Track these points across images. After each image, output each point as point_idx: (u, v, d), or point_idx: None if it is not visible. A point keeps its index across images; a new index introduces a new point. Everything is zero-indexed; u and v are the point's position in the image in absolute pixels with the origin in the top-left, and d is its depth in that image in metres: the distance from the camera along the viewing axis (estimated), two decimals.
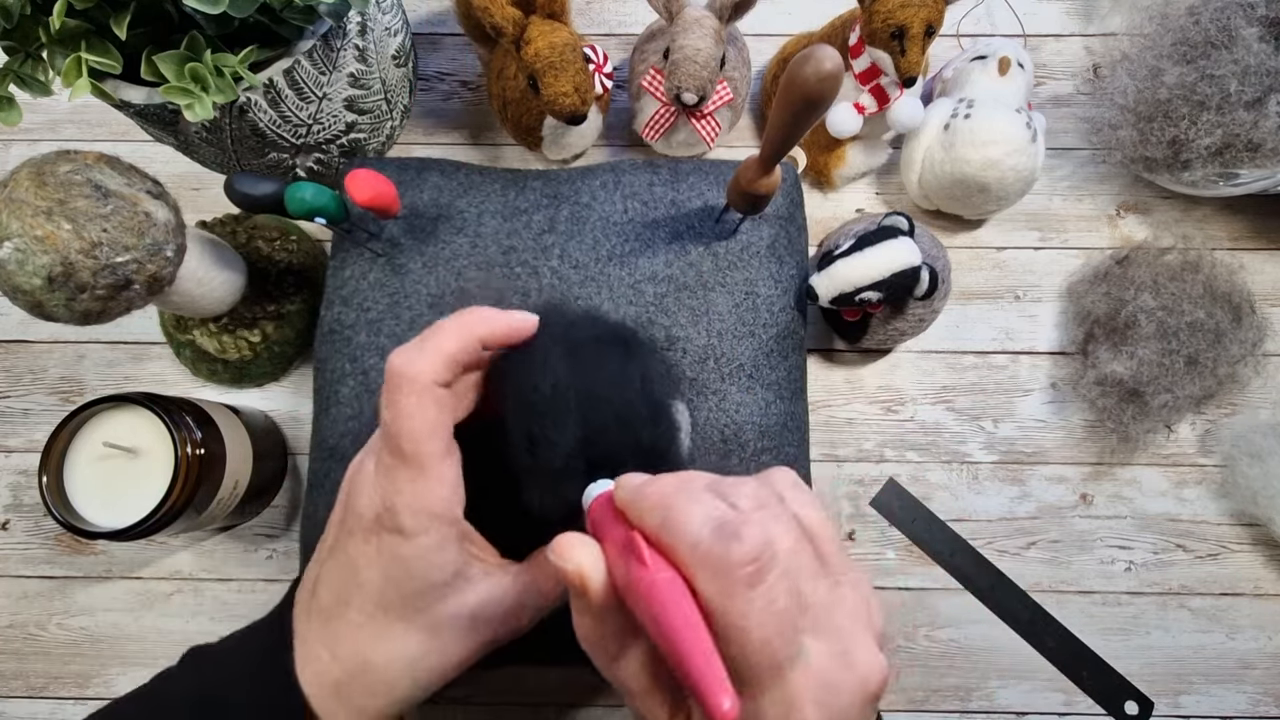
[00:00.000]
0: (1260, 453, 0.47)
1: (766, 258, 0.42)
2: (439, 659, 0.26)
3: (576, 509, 0.25)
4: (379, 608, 0.26)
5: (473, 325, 0.26)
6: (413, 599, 0.26)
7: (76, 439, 0.40)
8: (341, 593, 0.26)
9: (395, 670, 0.26)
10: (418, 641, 0.26)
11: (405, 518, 0.25)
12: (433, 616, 0.26)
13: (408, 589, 0.25)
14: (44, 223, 0.32)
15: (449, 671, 0.27)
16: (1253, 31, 0.45)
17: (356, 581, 0.26)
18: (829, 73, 0.27)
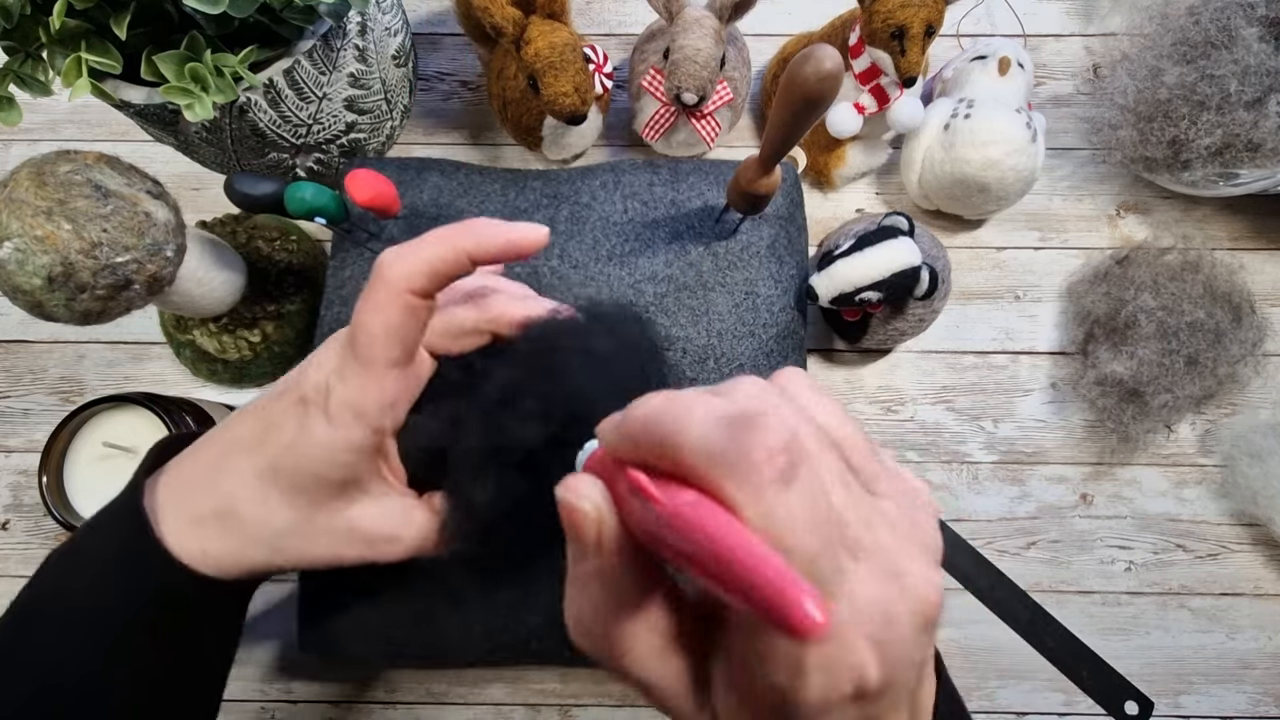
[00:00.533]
0: (1260, 453, 0.47)
1: (766, 258, 0.42)
2: (302, 545, 0.26)
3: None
4: (272, 472, 0.26)
5: (456, 237, 0.24)
6: (301, 479, 0.26)
7: (76, 439, 0.40)
8: (248, 440, 0.26)
9: (258, 532, 0.26)
10: (288, 519, 0.26)
11: (334, 405, 0.25)
12: (313, 504, 0.26)
13: (302, 467, 0.25)
14: (44, 223, 0.32)
15: (303, 563, 0.27)
16: (1253, 31, 0.45)
17: (264, 437, 0.26)
18: (829, 72, 0.27)
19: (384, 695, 0.47)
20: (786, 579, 0.14)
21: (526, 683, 0.47)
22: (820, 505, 0.16)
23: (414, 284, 0.24)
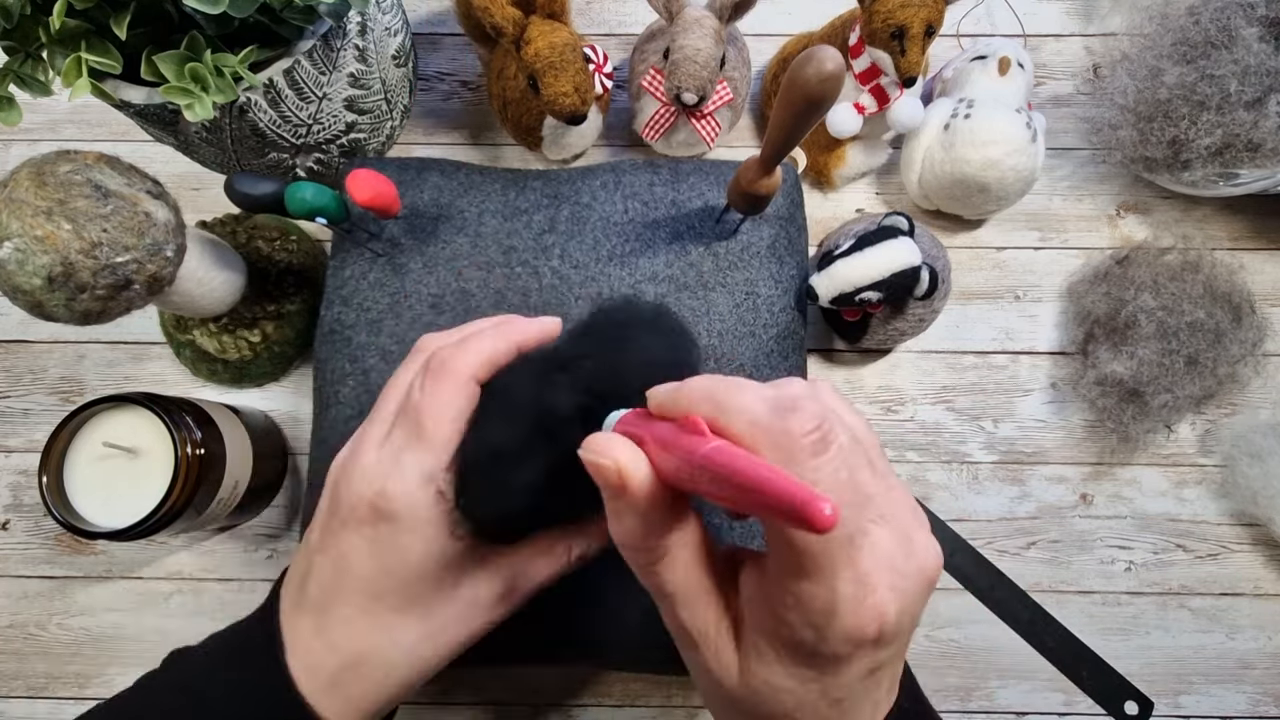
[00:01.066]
0: (1260, 453, 0.47)
1: (767, 258, 0.42)
2: (435, 646, 0.27)
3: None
4: (372, 599, 0.26)
5: (513, 333, 0.28)
6: (405, 588, 0.26)
7: (76, 439, 0.40)
8: (333, 586, 0.26)
9: (392, 659, 0.26)
10: (414, 630, 0.26)
11: (399, 500, 0.25)
12: (427, 605, 0.26)
13: (400, 578, 0.26)
14: (44, 223, 0.32)
15: (446, 657, 0.27)
16: (1253, 31, 0.45)
17: (349, 574, 0.26)
18: (830, 73, 0.27)
19: None
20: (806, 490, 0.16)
21: (527, 683, 0.47)
22: (844, 475, 0.19)
23: (479, 375, 0.27)
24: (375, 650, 0.26)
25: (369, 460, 0.26)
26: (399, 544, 0.25)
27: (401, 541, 0.25)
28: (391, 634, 0.26)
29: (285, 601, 0.27)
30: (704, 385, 0.20)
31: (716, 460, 0.18)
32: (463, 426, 0.26)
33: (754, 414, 0.19)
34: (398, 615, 0.26)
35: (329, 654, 0.26)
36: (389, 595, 0.26)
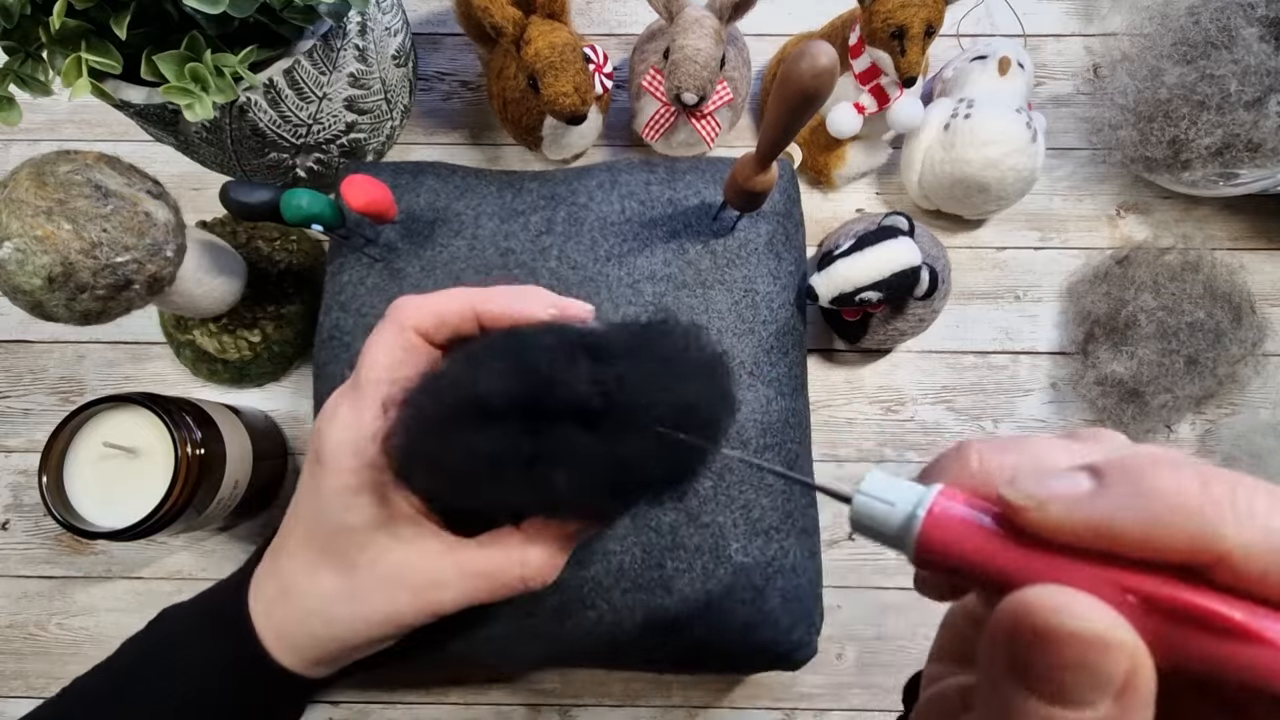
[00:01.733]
0: (1260, 453, 0.47)
1: (765, 254, 0.42)
2: (354, 607, 0.26)
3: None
4: (307, 540, 0.26)
5: (474, 295, 0.25)
6: (331, 537, 0.26)
7: (76, 439, 0.40)
8: (285, 525, 0.27)
9: (311, 604, 0.26)
10: (333, 581, 0.26)
11: (325, 444, 0.25)
12: (350, 561, 0.26)
13: (326, 525, 0.26)
14: (44, 223, 0.32)
15: (366, 626, 0.26)
16: (1253, 31, 0.45)
17: (294, 513, 0.27)
18: (824, 68, 0.27)
19: (384, 695, 0.47)
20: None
21: (526, 683, 0.47)
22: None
23: (420, 324, 0.25)
24: (298, 587, 0.26)
25: (327, 404, 0.27)
26: (324, 488, 0.25)
27: (325, 486, 0.25)
28: (314, 576, 0.26)
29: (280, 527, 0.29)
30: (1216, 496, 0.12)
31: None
32: (397, 376, 0.25)
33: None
34: (322, 559, 0.26)
35: (269, 581, 0.27)
36: (317, 541, 0.26)
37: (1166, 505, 0.12)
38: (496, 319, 0.25)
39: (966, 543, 0.14)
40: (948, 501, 0.15)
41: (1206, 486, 0.12)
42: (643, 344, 0.23)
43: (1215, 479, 0.12)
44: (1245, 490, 0.12)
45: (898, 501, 0.15)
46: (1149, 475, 0.12)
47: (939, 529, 0.14)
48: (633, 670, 0.46)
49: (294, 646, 0.27)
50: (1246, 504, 0.11)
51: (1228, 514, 0.11)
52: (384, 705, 0.47)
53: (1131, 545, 0.12)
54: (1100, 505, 0.12)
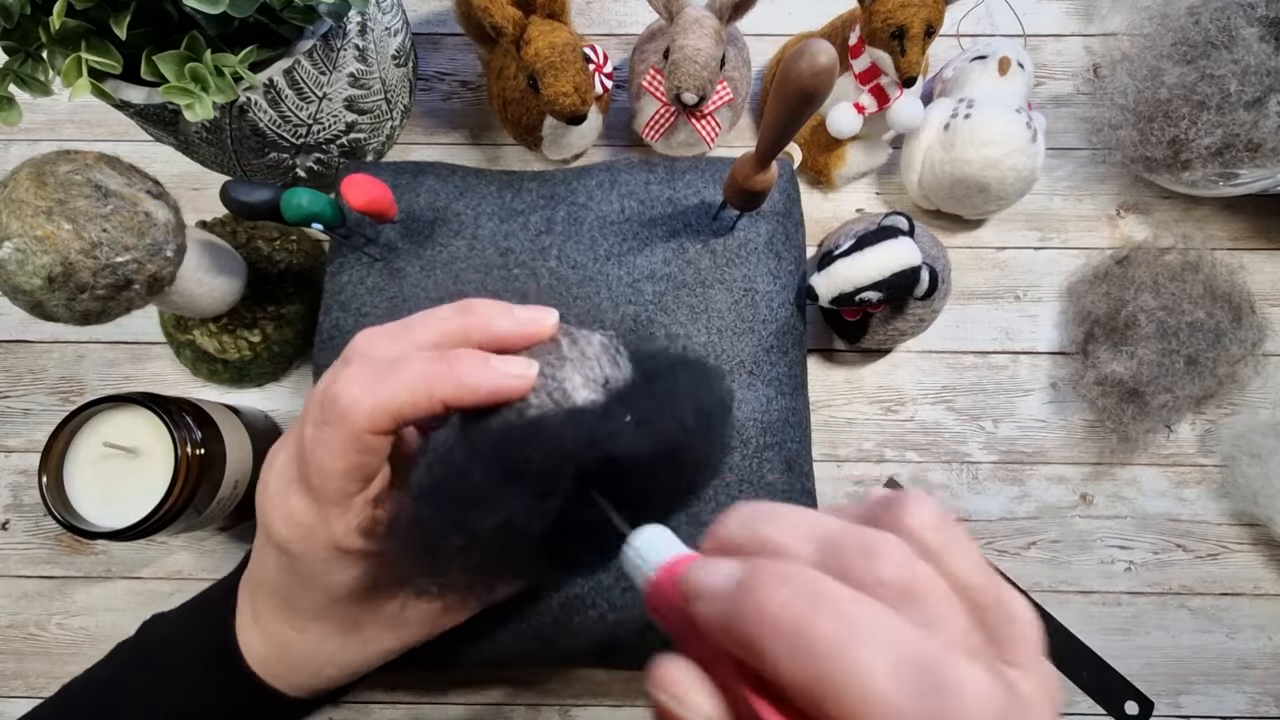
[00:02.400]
0: (1260, 453, 0.47)
1: (764, 254, 0.43)
2: (363, 653, 0.26)
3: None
4: (289, 608, 0.25)
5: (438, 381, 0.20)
6: (321, 607, 0.25)
7: (76, 439, 0.40)
8: (261, 581, 0.26)
9: (317, 660, 0.26)
10: (336, 637, 0.26)
11: (294, 547, 0.23)
12: (351, 619, 0.25)
13: (312, 600, 0.25)
14: (44, 223, 0.32)
15: (376, 659, 0.27)
16: (1253, 31, 0.45)
17: (267, 583, 0.26)
18: (824, 66, 0.27)
19: (384, 695, 0.47)
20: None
21: (526, 683, 0.47)
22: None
23: (376, 426, 0.21)
24: (297, 647, 0.26)
25: (271, 483, 0.23)
26: (302, 575, 0.24)
27: (304, 573, 0.24)
28: (310, 638, 0.26)
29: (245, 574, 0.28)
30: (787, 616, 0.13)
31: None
32: (363, 476, 0.22)
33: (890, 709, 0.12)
34: (318, 624, 0.25)
35: (261, 636, 0.27)
36: (304, 610, 0.25)
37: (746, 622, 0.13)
38: (460, 401, 0.21)
39: (672, 612, 0.15)
40: (673, 572, 0.16)
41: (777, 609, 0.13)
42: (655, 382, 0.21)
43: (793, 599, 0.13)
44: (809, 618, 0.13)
45: (649, 560, 0.17)
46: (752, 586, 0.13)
47: (656, 594, 0.16)
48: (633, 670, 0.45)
49: (294, 686, 0.27)
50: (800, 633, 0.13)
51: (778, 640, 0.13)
52: (384, 705, 0.47)
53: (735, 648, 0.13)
54: (719, 606, 0.14)
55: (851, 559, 0.14)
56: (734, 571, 0.14)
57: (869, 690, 0.12)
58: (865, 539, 0.14)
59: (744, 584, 0.13)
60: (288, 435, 0.24)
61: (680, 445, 0.20)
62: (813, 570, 0.14)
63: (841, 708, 0.12)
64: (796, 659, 0.12)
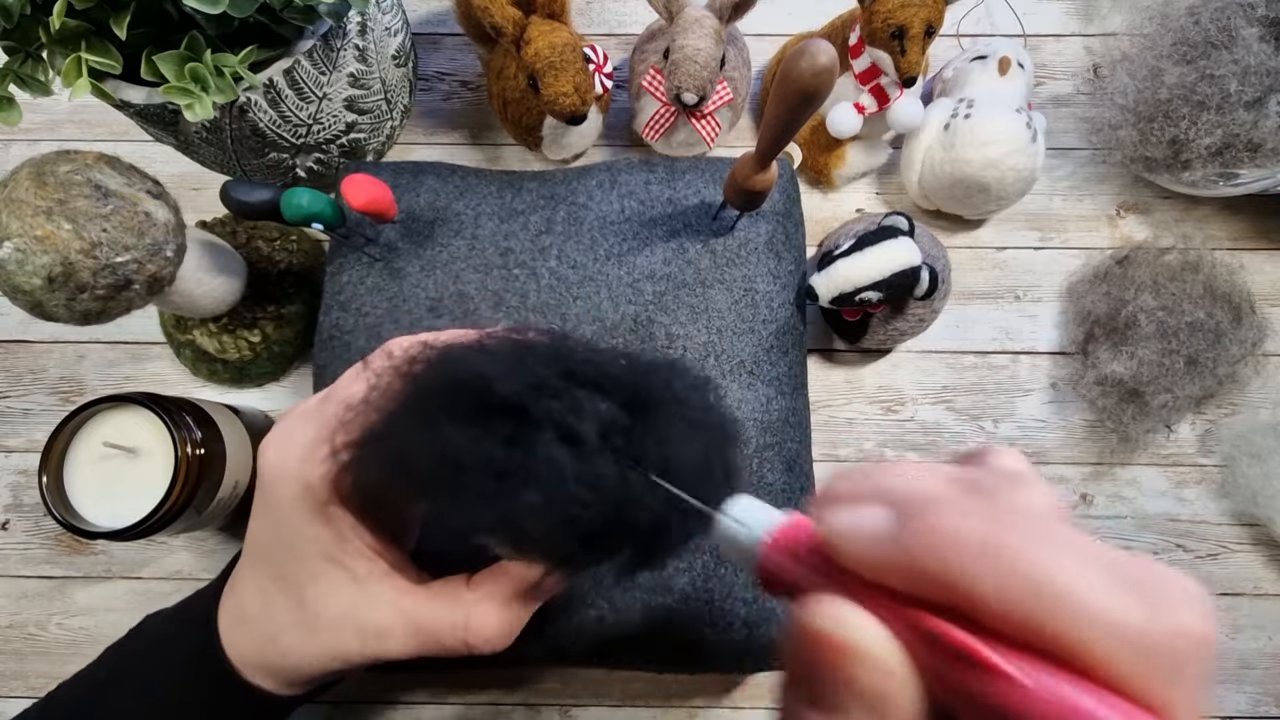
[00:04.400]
0: (1260, 453, 0.47)
1: (764, 254, 0.43)
2: (303, 640, 0.25)
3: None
4: (260, 566, 0.26)
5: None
6: (283, 565, 0.25)
7: (76, 439, 0.40)
8: (246, 541, 0.27)
9: (266, 630, 0.26)
10: (284, 613, 0.25)
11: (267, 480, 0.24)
12: (300, 591, 0.25)
13: (278, 552, 0.25)
14: (44, 223, 0.32)
15: (314, 660, 0.25)
16: (1253, 31, 0.45)
17: (249, 537, 0.26)
18: (824, 66, 0.27)
19: (384, 695, 0.47)
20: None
21: (526, 683, 0.47)
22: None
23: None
24: (253, 614, 0.26)
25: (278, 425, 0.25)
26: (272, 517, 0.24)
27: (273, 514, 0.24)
28: (267, 604, 0.25)
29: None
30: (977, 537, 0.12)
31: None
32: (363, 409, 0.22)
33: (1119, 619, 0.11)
34: (274, 586, 0.25)
35: (230, 604, 0.27)
36: (270, 564, 0.25)
37: (928, 551, 0.12)
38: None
39: (795, 568, 0.15)
40: (790, 530, 0.16)
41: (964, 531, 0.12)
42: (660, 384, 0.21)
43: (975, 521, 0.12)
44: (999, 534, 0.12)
45: (751, 525, 0.16)
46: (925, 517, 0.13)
47: (774, 554, 0.15)
48: (633, 670, 0.45)
49: (258, 669, 0.26)
50: (995, 549, 0.12)
51: (977, 562, 0.12)
52: (384, 705, 0.47)
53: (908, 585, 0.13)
54: (884, 545, 0.13)
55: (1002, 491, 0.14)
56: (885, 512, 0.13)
57: (1097, 604, 0.11)
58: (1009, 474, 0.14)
59: (916, 516, 0.13)
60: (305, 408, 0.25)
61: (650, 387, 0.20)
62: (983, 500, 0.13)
63: (1067, 624, 0.11)
64: (997, 575, 0.11)
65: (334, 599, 0.24)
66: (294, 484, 0.23)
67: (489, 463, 0.19)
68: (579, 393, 0.20)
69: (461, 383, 0.20)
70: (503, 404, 0.19)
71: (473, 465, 0.19)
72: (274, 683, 0.26)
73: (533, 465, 0.19)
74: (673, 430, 0.20)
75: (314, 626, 0.25)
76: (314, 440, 0.23)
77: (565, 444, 0.19)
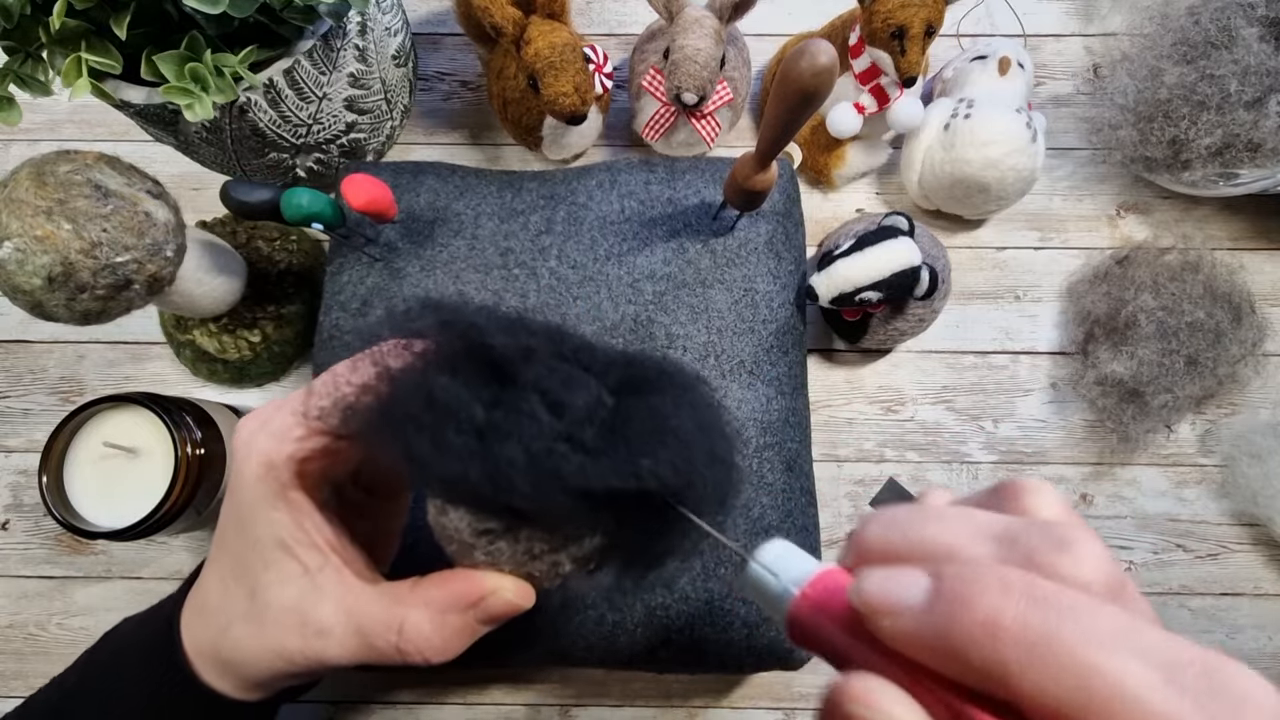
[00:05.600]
0: (1260, 453, 0.47)
1: (764, 254, 0.43)
2: (251, 634, 0.24)
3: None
4: (223, 551, 0.25)
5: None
6: (241, 551, 0.24)
7: (76, 439, 0.40)
8: (216, 530, 0.26)
9: (220, 620, 0.25)
10: (240, 602, 0.24)
11: (237, 457, 0.23)
12: (253, 579, 0.24)
13: (238, 538, 0.24)
14: (44, 223, 0.32)
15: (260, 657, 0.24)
16: (1253, 31, 0.45)
17: (219, 524, 0.25)
18: (824, 66, 0.27)
19: (384, 695, 0.47)
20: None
21: (526, 683, 0.47)
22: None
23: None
24: (211, 602, 0.25)
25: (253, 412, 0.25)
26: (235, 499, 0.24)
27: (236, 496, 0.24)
28: (224, 592, 0.25)
29: None
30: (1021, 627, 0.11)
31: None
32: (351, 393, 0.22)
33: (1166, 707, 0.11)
34: (233, 576, 0.25)
35: (194, 595, 0.26)
36: (230, 550, 0.25)
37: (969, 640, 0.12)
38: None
39: (826, 629, 0.14)
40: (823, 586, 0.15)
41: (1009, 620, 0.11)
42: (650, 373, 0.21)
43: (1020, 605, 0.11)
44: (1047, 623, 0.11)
45: (782, 575, 0.16)
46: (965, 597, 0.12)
47: (805, 611, 0.15)
48: (633, 670, 0.45)
49: (215, 668, 0.25)
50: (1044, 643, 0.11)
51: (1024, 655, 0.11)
52: (384, 705, 0.47)
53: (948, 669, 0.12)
54: (922, 626, 0.12)
55: (1045, 556, 0.13)
56: (922, 580, 0.13)
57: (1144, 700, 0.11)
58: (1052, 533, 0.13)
59: (951, 593, 0.12)
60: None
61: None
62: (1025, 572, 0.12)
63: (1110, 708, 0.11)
64: (1045, 671, 0.11)
65: (283, 590, 0.23)
66: (258, 462, 0.23)
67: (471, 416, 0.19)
68: (569, 368, 0.20)
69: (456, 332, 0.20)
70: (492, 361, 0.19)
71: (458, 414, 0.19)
72: (229, 683, 0.25)
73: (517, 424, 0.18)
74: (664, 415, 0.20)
75: (261, 619, 0.24)
76: (288, 422, 0.23)
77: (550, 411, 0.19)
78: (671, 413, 0.20)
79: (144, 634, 0.28)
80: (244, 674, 0.25)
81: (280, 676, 0.24)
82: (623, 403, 0.20)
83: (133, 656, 0.27)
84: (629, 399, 0.20)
